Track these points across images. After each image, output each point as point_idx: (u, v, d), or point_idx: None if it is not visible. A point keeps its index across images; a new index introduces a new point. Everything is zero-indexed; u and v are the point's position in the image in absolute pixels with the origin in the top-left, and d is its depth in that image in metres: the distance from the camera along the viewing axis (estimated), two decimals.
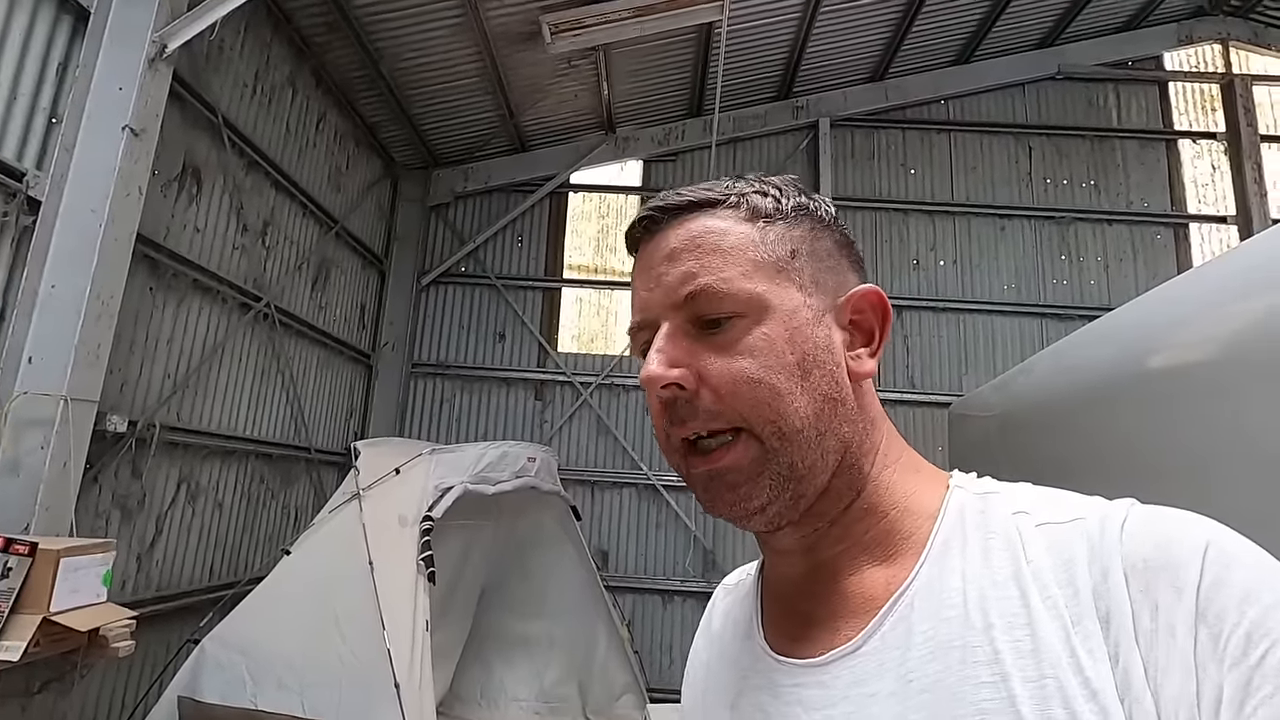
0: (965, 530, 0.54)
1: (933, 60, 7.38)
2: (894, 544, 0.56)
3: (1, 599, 2.25)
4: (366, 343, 6.78)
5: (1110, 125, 7.49)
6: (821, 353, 0.56)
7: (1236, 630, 0.41)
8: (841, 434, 0.56)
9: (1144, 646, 0.43)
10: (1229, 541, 0.45)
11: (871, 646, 0.52)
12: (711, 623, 0.72)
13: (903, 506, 0.57)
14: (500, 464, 4.44)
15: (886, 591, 0.54)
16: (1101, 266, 7.16)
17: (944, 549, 0.54)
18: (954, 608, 0.50)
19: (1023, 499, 0.54)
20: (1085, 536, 0.49)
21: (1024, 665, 0.46)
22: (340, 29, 5.18)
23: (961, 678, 0.47)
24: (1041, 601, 0.47)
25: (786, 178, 0.63)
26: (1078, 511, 0.51)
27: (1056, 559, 0.49)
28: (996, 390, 3.79)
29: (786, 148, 7.50)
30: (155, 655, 4.02)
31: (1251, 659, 0.40)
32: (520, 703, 5.23)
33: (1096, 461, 2.42)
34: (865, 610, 0.54)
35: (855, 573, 0.57)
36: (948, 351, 7.04)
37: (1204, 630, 0.42)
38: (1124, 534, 0.47)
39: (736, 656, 0.64)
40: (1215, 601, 0.42)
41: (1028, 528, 0.51)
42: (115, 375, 3.55)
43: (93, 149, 3.16)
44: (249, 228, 4.76)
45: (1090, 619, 0.46)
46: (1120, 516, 0.49)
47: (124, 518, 3.79)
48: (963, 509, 0.55)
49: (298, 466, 5.61)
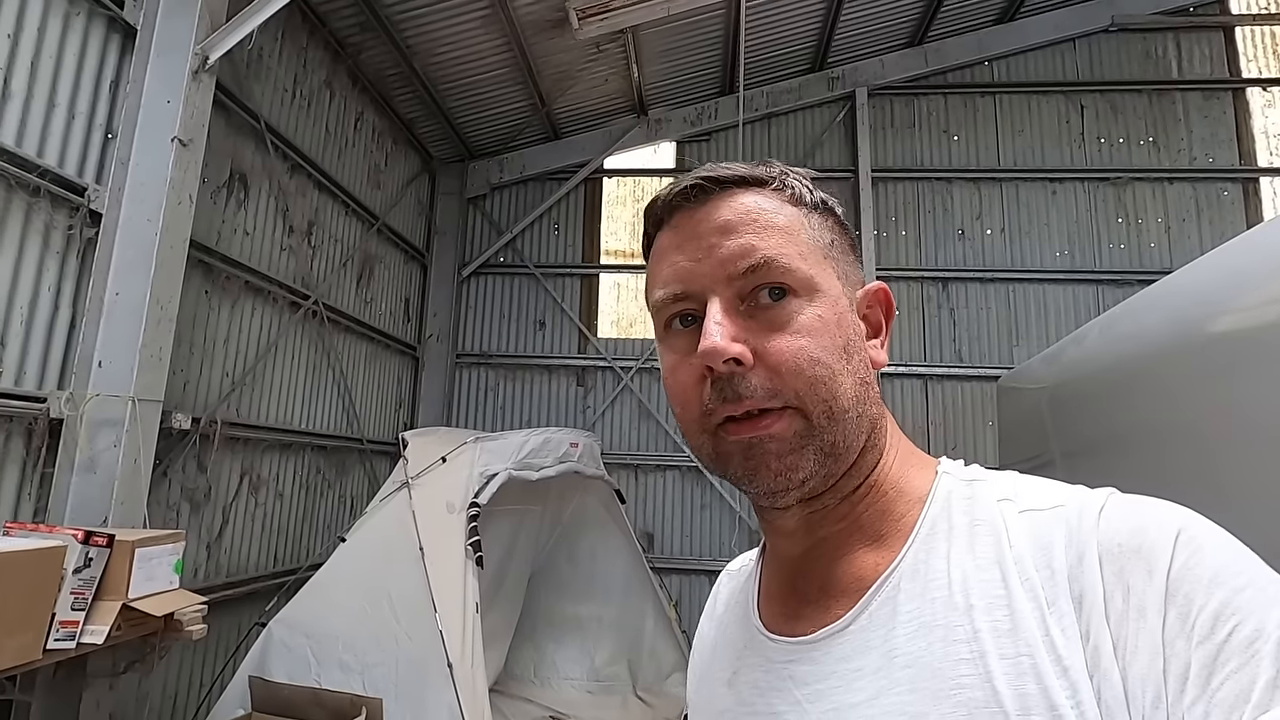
0: (952, 515, 0.56)
1: (974, 20, 7.08)
2: (885, 526, 0.58)
3: (85, 587, 2.42)
4: (412, 335, 6.96)
5: (1170, 77, 7.07)
6: (858, 339, 0.59)
7: (1204, 610, 0.43)
8: (870, 415, 0.59)
9: (1114, 626, 0.45)
10: (1200, 528, 0.47)
11: (859, 625, 0.55)
12: (716, 606, 0.75)
13: (899, 489, 0.59)
14: (543, 450, 4.53)
15: (875, 572, 0.56)
16: (1163, 228, 6.80)
17: (931, 533, 0.56)
18: (939, 589, 0.52)
19: (1007, 487, 0.56)
20: (1064, 522, 0.50)
21: (1001, 643, 0.48)
22: (373, 28, 5.27)
23: (943, 655, 0.49)
24: (1020, 584, 0.49)
25: (807, 170, 0.64)
26: (1059, 499, 0.52)
27: (1036, 544, 0.50)
28: (1046, 362, 3.66)
29: (823, 121, 7.33)
30: (227, 637, 4.27)
31: (1219, 636, 0.42)
32: (572, 681, 5.36)
33: (1151, 436, 2.32)
34: (855, 590, 0.57)
35: (848, 553, 0.59)
36: (997, 323, 6.82)
37: (1173, 610, 0.43)
38: (1101, 520, 0.49)
39: (735, 636, 0.66)
40: (1185, 583, 0.44)
41: (1011, 514, 0.53)
42: (178, 376, 3.75)
43: (146, 161, 3.32)
44: (295, 229, 4.93)
45: (1065, 600, 0.47)
46: (1099, 504, 0.50)
47: (193, 509, 4.01)
48: (950, 495, 0.57)
49: (351, 457, 5.83)
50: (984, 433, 6.56)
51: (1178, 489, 2.06)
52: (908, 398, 6.80)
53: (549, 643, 5.49)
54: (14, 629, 2.18)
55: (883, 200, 7.09)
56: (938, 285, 6.94)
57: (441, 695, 3.23)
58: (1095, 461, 2.79)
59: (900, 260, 6.99)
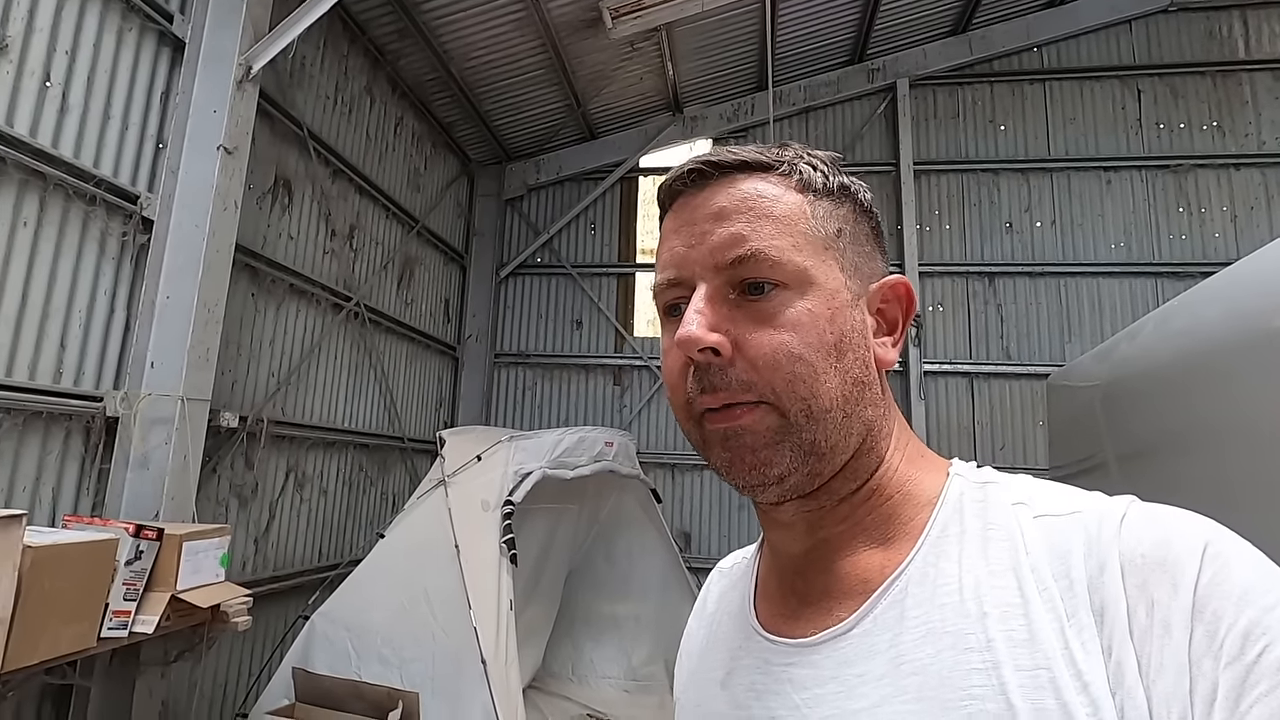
0: (964, 519, 0.54)
1: (1022, 5, 6.83)
2: (893, 528, 0.56)
3: (136, 579, 2.52)
4: (451, 335, 7.08)
5: (1236, 58, 6.69)
6: (857, 336, 0.56)
7: (1233, 629, 0.41)
8: (866, 417, 0.56)
9: (1138, 642, 0.43)
10: (1228, 542, 0.45)
11: (863, 628, 0.53)
12: (706, 605, 0.73)
13: (905, 491, 0.57)
14: (577, 449, 4.54)
15: (881, 575, 0.54)
16: (1228, 217, 6.44)
17: (941, 536, 0.53)
18: (949, 594, 0.50)
19: (1021, 490, 0.54)
20: (1083, 530, 0.48)
21: (1017, 654, 0.45)
22: (411, 35, 5.37)
23: (953, 663, 0.47)
24: (1038, 593, 0.47)
25: (830, 154, 0.62)
26: (1076, 505, 0.50)
27: (1053, 552, 0.48)
28: (1099, 358, 3.49)
29: (863, 114, 7.18)
30: (274, 629, 4.41)
31: (1248, 657, 0.40)
32: (610, 680, 5.37)
33: (1210, 437, 2.18)
34: (859, 592, 0.55)
35: (852, 554, 0.57)
36: (1047, 319, 6.56)
37: (1200, 628, 0.42)
38: (1123, 529, 0.47)
39: (729, 636, 0.64)
40: (1212, 599, 0.42)
41: (1026, 519, 0.51)
42: (225, 376, 3.88)
43: (194, 169, 3.44)
44: (337, 232, 5.06)
45: (1085, 612, 0.45)
46: (1119, 512, 0.48)
47: (240, 505, 4.15)
48: (961, 497, 0.55)
49: (393, 455, 5.95)
50: (1033, 433, 6.32)
51: (1238, 495, 1.94)
52: (953, 396, 6.60)
53: (586, 641, 5.51)
54: (71, 617, 2.29)
55: (926, 193, 6.90)
56: (984, 280, 6.72)
57: (476, 691, 3.27)
58: (1152, 464, 2.65)
59: (944, 255, 6.80)
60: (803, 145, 0.61)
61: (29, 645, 2.14)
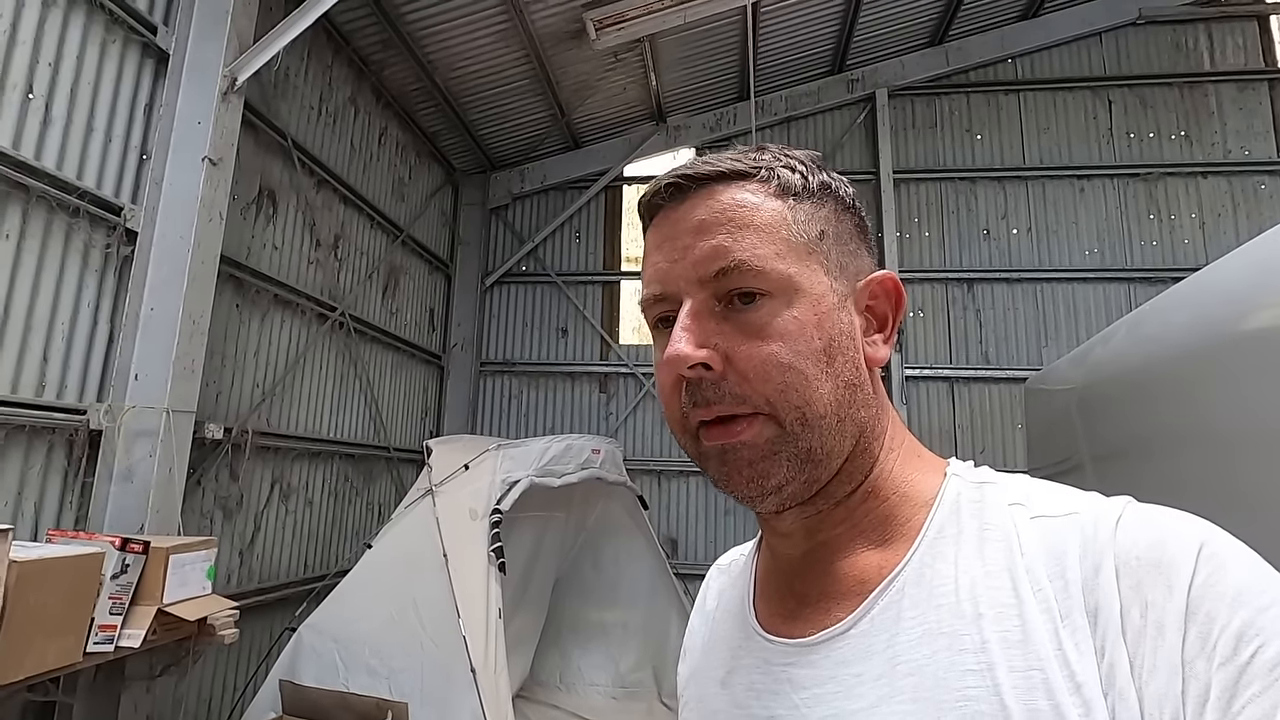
0: (960, 519, 0.54)
1: (997, 17, 6.99)
2: (890, 529, 0.56)
3: (122, 592, 2.51)
4: (437, 344, 7.07)
5: (1202, 69, 6.90)
6: (845, 338, 0.56)
7: (1227, 630, 0.41)
8: (859, 419, 0.56)
9: (1131, 642, 0.43)
10: (1222, 543, 0.45)
11: (860, 629, 0.53)
12: (706, 602, 0.73)
13: (902, 492, 0.57)
14: (565, 457, 4.56)
15: (879, 575, 0.54)
16: (1197, 224, 6.62)
17: (938, 537, 0.54)
18: (945, 595, 0.51)
19: (1018, 491, 0.54)
20: (1078, 530, 0.48)
21: (1011, 655, 0.46)
22: (395, 46, 5.39)
23: (948, 664, 0.48)
24: (1033, 594, 0.47)
25: (809, 153, 0.61)
26: (1072, 506, 0.51)
27: (1049, 552, 0.48)
28: (1074, 363, 3.59)
29: (843, 123, 7.29)
30: (260, 642, 4.38)
31: (1241, 658, 0.40)
32: (597, 687, 5.37)
33: (1173, 441, 2.25)
34: (857, 593, 0.55)
35: (850, 555, 0.57)
36: (1024, 324, 6.69)
37: (1193, 629, 0.42)
38: (1118, 530, 0.47)
39: (729, 635, 0.65)
40: (1206, 601, 0.42)
41: (1023, 520, 0.51)
42: (210, 387, 3.86)
43: (178, 180, 3.44)
44: (322, 242, 5.05)
45: (1079, 613, 0.46)
46: (1115, 513, 0.48)
47: (225, 517, 4.12)
48: (958, 497, 0.55)
49: (379, 465, 5.93)
50: (1012, 436, 6.43)
51: (1197, 498, 2.01)
52: (934, 400, 6.71)
53: (574, 649, 5.51)
54: (55, 632, 2.27)
55: (905, 202, 7.02)
56: (963, 286, 6.84)
57: (465, 700, 3.27)
58: (1123, 466, 2.73)
59: (924, 262, 6.91)
60: (780, 146, 0.61)
61: (14, 661, 2.13)
